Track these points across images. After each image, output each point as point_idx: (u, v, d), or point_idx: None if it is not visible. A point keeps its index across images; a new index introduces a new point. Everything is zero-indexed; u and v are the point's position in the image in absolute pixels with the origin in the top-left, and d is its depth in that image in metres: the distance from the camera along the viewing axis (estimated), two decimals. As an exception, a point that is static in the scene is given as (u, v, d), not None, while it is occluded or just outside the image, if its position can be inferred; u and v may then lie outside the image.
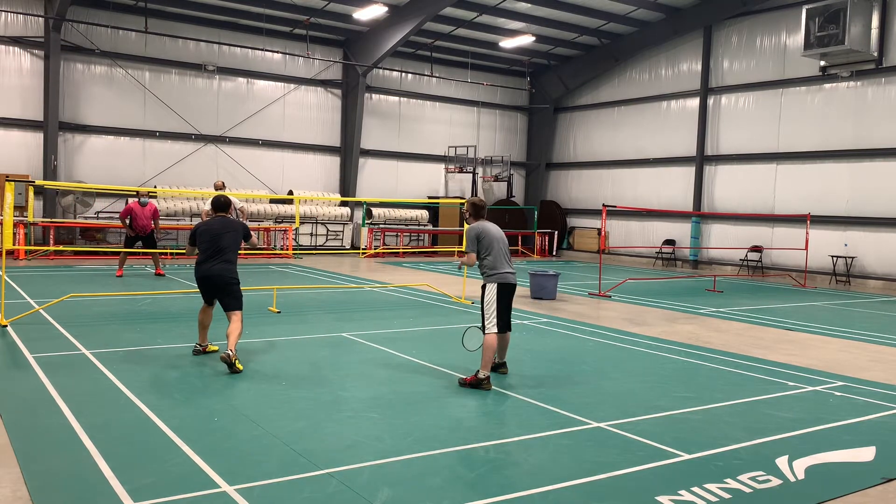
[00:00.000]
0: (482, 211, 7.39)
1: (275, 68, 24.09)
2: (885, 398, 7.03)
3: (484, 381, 6.77)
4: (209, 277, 7.52)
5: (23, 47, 20.25)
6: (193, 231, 7.76)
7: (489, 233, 7.14)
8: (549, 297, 13.76)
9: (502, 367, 7.41)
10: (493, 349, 6.88)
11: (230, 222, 7.78)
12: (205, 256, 7.55)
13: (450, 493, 4.31)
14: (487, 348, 6.84)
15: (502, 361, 7.42)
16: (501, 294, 7.00)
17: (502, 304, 7.02)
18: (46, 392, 6.13)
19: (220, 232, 7.61)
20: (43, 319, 9.49)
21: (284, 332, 9.28)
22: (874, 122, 19.51)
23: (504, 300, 7.04)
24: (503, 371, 7.39)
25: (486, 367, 6.80)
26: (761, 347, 9.54)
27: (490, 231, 7.17)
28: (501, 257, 7.11)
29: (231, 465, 4.61)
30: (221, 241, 7.56)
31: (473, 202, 7.42)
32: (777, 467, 4.96)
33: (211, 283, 7.55)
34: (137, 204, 14.41)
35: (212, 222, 7.75)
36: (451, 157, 27.74)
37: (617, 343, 9.53)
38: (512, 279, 7.12)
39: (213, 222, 7.75)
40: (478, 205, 7.42)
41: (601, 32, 25.32)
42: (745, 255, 22.22)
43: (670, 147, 24.96)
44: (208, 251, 7.54)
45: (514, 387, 6.93)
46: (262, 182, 23.84)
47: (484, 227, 7.18)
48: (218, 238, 7.56)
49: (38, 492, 4.12)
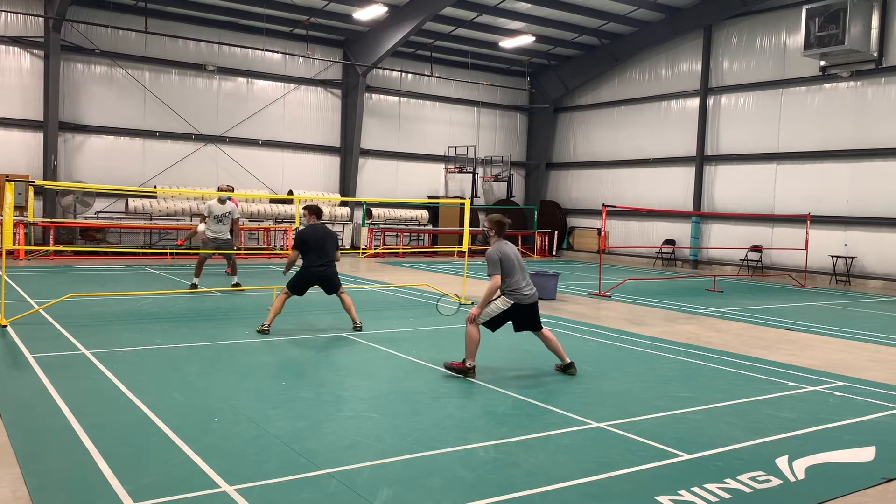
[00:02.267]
0: (505, 230, 7.35)
1: (275, 68, 24.09)
2: (885, 398, 7.03)
3: (469, 371, 7.06)
4: (325, 278, 9.32)
5: (23, 47, 20.25)
6: (300, 237, 9.25)
7: (509, 256, 7.18)
8: (549, 297, 13.76)
9: (570, 367, 7.54)
10: (476, 342, 7.12)
11: (328, 230, 9.50)
12: (317, 261, 9.24)
13: (450, 493, 4.31)
14: (470, 340, 7.09)
15: (567, 363, 7.54)
16: (514, 311, 7.23)
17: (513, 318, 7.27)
18: (46, 392, 6.13)
19: (324, 239, 9.30)
20: (43, 319, 9.49)
21: (284, 332, 9.28)
22: (874, 122, 19.51)
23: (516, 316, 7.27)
24: (572, 371, 7.52)
25: (470, 356, 7.10)
26: (761, 347, 9.54)
27: (509, 254, 7.21)
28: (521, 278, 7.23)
29: (231, 465, 4.61)
30: (326, 246, 9.30)
31: (499, 221, 7.30)
32: (777, 467, 4.95)
33: (326, 280, 9.35)
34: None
35: (317, 229, 9.34)
36: (451, 157, 27.74)
37: (617, 343, 9.53)
38: (528, 300, 7.23)
39: (317, 229, 9.35)
40: (502, 224, 7.30)
41: (601, 32, 25.32)
42: (745, 255, 22.22)
43: (670, 147, 24.96)
44: (316, 254, 9.24)
45: (514, 387, 6.93)
46: (262, 182, 23.84)
47: (503, 251, 7.18)
48: (323, 244, 9.27)
49: (38, 492, 4.12)
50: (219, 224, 12.95)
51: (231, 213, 13.05)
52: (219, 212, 12.90)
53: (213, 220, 12.91)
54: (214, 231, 12.97)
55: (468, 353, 7.12)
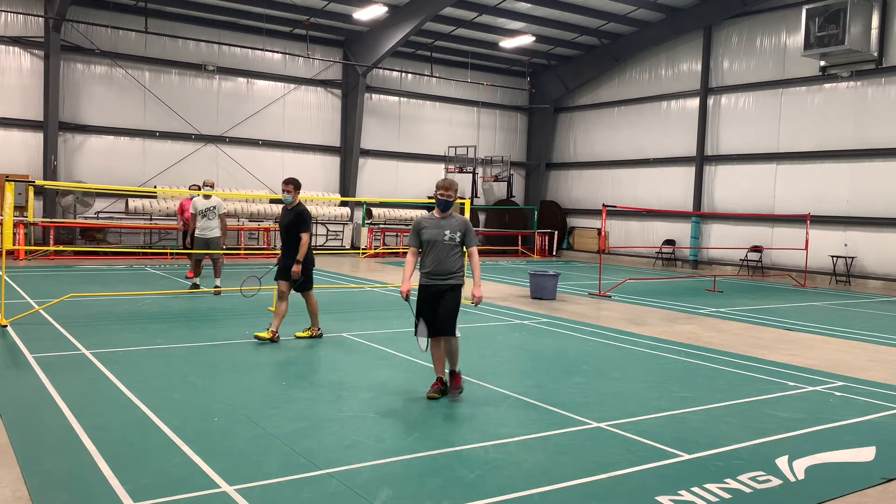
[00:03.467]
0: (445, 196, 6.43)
1: (275, 68, 24.08)
2: (885, 398, 7.03)
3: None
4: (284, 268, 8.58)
5: (23, 47, 20.25)
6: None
7: (423, 226, 6.42)
8: (549, 297, 13.75)
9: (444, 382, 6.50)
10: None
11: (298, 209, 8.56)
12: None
13: (450, 493, 4.31)
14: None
15: (441, 376, 6.48)
16: (419, 296, 6.45)
17: (422, 308, 6.44)
18: (46, 392, 6.13)
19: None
20: (43, 319, 9.49)
21: (284, 333, 9.27)
22: (874, 122, 19.50)
23: (421, 303, 6.43)
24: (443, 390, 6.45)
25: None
26: (761, 347, 9.54)
27: (423, 223, 6.42)
28: (428, 254, 6.37)
29: (231, 465, 4.61)
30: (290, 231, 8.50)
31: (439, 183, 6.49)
32: (777, 467, 4.95)
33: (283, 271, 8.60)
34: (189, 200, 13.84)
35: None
36: (451, 157, 27.74)
37: (617, 343, 9.53)
38: (428, 280, 6.36)
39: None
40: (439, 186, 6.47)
41: (601, 32, 25.32)
42: (745, 255, 22.21)
43: (670, 147, 24.96)
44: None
45: (513, 387, 6.92)
46: (262, 182, 23.83)
47: (420, 221, 6.47)
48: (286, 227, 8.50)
49: (38, 492, 4.12)
50: (204, 219, 12.48)
51: (217, 208, 12.56)
52: (202, 207, 12.50)
53: (199, 215, 12.49)
54: (201, 227, 12.49)
55: None
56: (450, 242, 6.34)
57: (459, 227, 6.40)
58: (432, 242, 6.35)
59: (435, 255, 6.34)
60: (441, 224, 6.39)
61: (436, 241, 6.33)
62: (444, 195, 6.43)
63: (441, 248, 6.33)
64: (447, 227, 6.37)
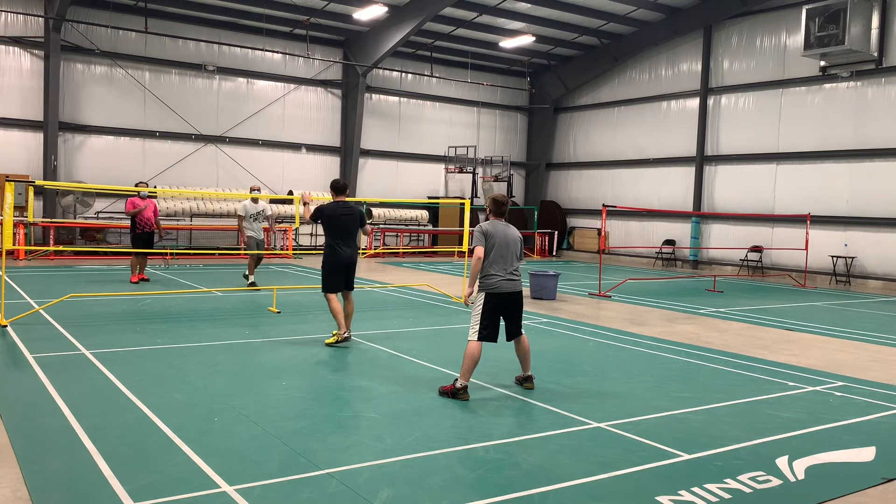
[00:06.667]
0: (502, 208, 6.72)
1: (275, 68, 24.09)
2: (885, 398, 7.03)
3: (460, 391, 6.32)
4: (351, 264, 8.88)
5: (23, 47, 20.25)
6: (318, 209, 8.80)
7: (491, 234, 6.53)
8: (549, 297, 13.75)
9: (527, 381, 6.86)
10: (474, 359, 6.39)
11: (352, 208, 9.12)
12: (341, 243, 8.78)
13: (450, 493, 4.31)
14: (468, 357, 6.39)
15: (526, 375, 6.88)
16: (489, 303, 6.47)
17: (493, 315, 6.49)
18: (46, 392, 6.13)
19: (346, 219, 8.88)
20: (43, 319, 9.49)
21: (284, 333, 9.28)
22: (874, 122, 19.50)
23: (496, 310, 6.50)
24: (529, 386, 6.82)
25: (464, 376, 6.38)
26: (761, 347, 9.54)
27: (491, 231, 6.54)
28: (499, 264, 6.49)
29: (231, 465, 4.61)
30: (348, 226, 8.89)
31: (492, 198, 6.73)
32: (777, 467, 4.95)
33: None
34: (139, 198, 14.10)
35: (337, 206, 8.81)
36: (451, 157, 27.75)
37: (617, 343, 9.53)
38: (501, 290, 6.47)
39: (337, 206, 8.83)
40: (495, 201, 6.71)
41: (601, 32, 25.32)
42: (745, 255, 22.22)
43: (670, 147, 24.96)
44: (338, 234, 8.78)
45: (513, 387, 6.92)
46: (262, 182, 23.81)
47: (486, 228, 6.57)
48: (345, 224, 8.84)
49: (38, 492, 4.12)
50: (255, 223, 13.53)
51: (265, 211, 13.63)
52: (253, 210, 13.49)
53: (250, 219, 13.48)
54: (255, 231, 13.57)
55: (462, 372, 6.39)
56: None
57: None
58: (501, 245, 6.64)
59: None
60: (507, 231, 6.69)
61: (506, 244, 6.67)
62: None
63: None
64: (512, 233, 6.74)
